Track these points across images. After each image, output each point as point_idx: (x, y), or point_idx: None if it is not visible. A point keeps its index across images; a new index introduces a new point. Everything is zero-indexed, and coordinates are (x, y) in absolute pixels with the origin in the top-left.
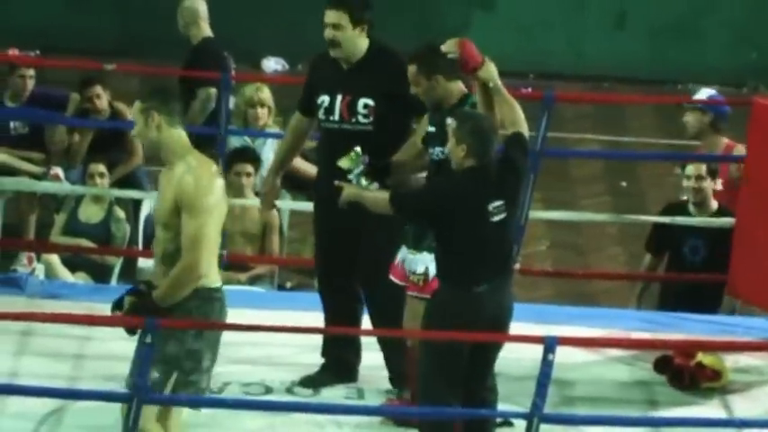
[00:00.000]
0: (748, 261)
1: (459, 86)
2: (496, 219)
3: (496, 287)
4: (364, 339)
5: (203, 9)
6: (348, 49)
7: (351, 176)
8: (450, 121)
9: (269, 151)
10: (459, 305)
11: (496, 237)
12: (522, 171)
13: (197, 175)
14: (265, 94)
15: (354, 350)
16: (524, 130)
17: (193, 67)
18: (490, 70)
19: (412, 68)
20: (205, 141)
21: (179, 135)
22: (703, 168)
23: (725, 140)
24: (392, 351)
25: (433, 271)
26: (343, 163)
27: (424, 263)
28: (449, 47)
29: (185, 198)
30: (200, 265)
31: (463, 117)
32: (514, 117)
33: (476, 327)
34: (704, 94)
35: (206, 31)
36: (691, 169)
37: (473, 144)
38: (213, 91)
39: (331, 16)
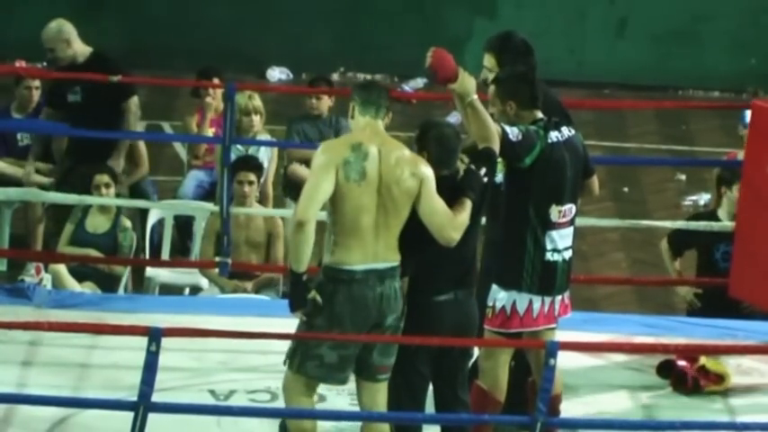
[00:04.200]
0: (748, 261)
1: (532, 115)
2: None
3: (459, 297)
4: None
5: (72, 27)
6: None
7: None
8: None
9: (263, 158)
10: (419, 313)
11: (460, 247)
12: (485, 185)
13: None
14: (257, 101)
15: None
16: (495, 147)
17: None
18: (465, 84)
19: (492, 88)
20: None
21: (360, 122)
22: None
23: None
24: None
25: (499, 304)
26: None
27: (492, 296)
28: (427, 57)
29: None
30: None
31: (426, 125)
32: (485, 134)
33: (436, 336)
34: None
35: (86, 47)
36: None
37: (435, 151)
38: (136, 97)
39: (484, 59)
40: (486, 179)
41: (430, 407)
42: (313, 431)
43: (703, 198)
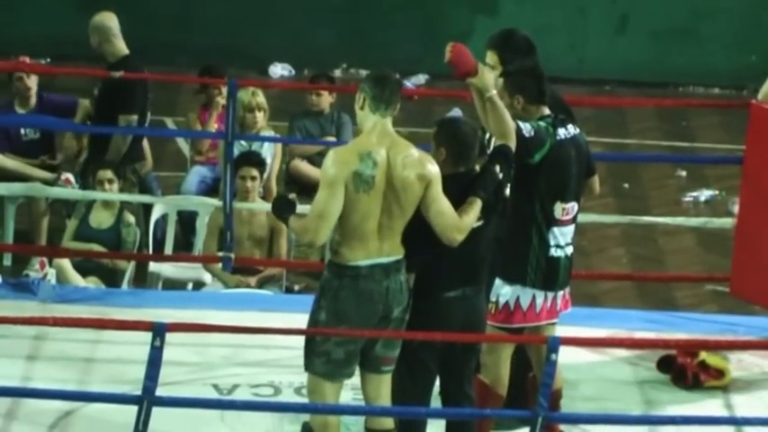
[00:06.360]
0: (749, 260)
1: (540, 110)
2: (473, 227)
3: (468, 294)
4: None
5: (115, 25)
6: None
7: None
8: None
9: (266, 154)
10: (427, 309)
11: (470, 244)
12: (501, 182)
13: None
14: (261, 98)
15: None
16: (512, 143)
17: (116, 87)
18: (484, 78)
19: (500, 83)
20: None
21: (370, 120)
22: None
23: None
24: None
25: (503, 299)
26: None
27: (496, 291)
28: (446, 52)
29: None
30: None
31: (443, 121)
32: (503, 130)
33: (444, 332)
34: None
35: (122, 48)
36: None
37: (452, 148)
38: (134, 118)
39: (486, 56)
40: (501, 177)
41: (435, 401)
42: (337, 427)
43: (704, 194)
